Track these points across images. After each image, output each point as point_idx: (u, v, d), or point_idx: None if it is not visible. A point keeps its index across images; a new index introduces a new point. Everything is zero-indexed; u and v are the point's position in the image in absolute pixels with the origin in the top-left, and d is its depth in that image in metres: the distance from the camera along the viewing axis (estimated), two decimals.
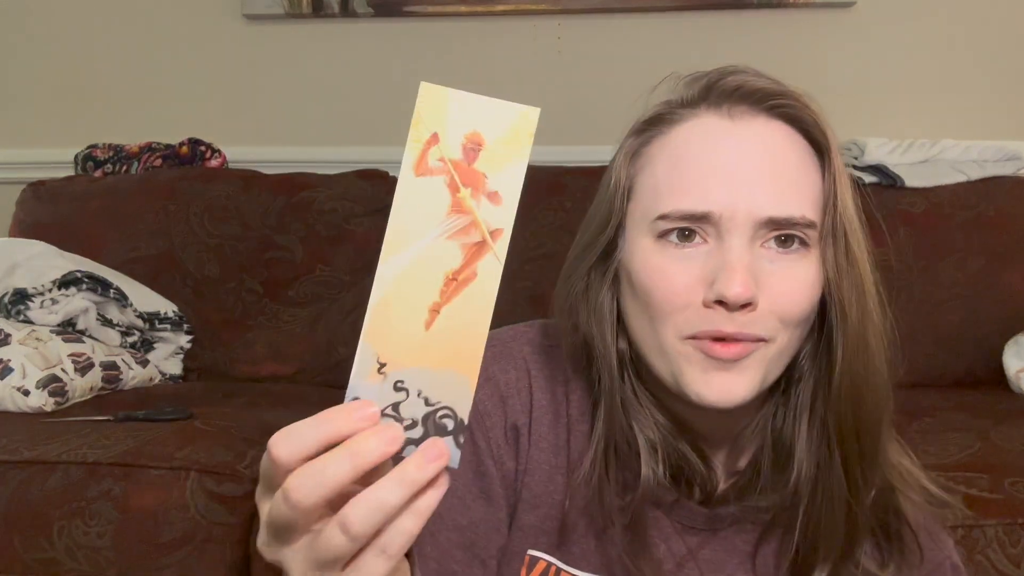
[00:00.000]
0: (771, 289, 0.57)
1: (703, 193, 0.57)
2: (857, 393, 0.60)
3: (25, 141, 2.28)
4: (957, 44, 2.07)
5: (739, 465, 0.67)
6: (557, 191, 1.88)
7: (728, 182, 0.57)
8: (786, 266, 0.58)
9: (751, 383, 0.59)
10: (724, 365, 0.58)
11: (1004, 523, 1.12)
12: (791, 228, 0.58)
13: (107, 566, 1.23)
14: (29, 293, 1.66)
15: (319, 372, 1.85)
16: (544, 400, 0.67)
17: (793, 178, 0.58)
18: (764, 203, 0.57)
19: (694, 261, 0.58)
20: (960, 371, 1.74)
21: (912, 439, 1.31)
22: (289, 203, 1.93)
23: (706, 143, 0.59)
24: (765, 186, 0.57)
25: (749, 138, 0.58)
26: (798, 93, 0.61)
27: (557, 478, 0.65)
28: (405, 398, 0.44)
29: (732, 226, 0.57)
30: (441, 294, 0.44)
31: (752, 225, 0.57)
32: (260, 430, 1.40)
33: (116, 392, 1.66)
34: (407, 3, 2.13)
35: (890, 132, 1.95)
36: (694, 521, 0.66)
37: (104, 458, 1.27)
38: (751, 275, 0.56)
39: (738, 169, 0.57)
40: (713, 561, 0.66)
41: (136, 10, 2.22)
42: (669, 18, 2.09)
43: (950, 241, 1.79)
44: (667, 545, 0.65)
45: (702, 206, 0.57)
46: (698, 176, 0.58)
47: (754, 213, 0.57)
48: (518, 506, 0.65)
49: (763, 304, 0.57)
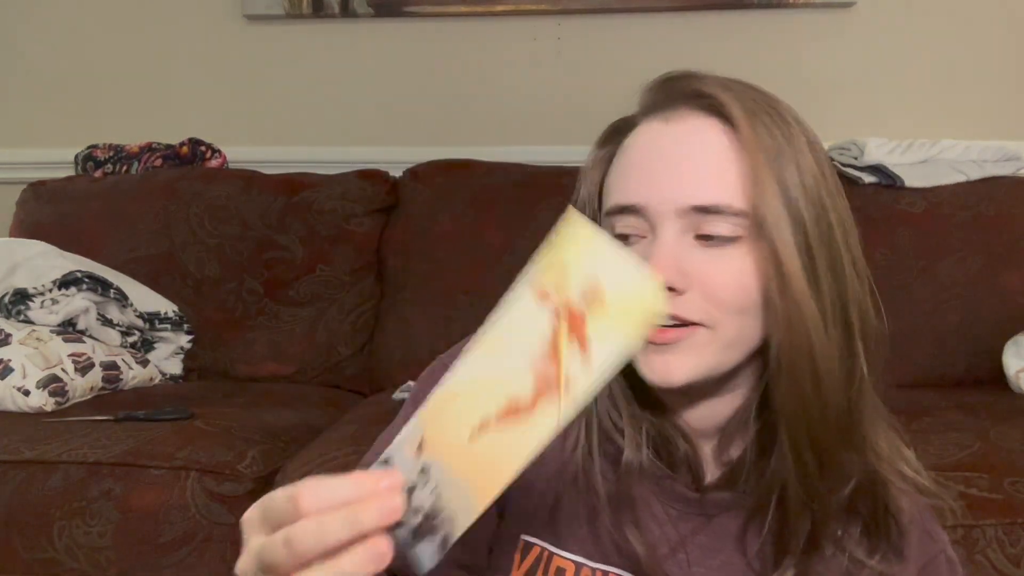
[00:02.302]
0: (701, 277, 0.60)
1: (634, 188, 0.62)
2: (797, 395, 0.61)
3: (25, 141, 2.28)
4: (957, 44, 2.07)
5: (731, 455, 0.69)
6: (557, 191, 1.88)
7: (653, 175, 0.61)
8: (716, 255, 0.60)
9: (689, 366, 0.61)
10: (660, 348, 0.61)
11: (1004, 523, 1.12)
12: (716, 215, 0.60)
13: (107, 566, 1.23)
14: (29, 293, 1.66)
15: (319, 372, 1.85)
16: None
17: (717, 169, 0.60)
18: (687, 192, 0.60)
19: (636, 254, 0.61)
20: (960, 371, 1.74)
21: (912, 439, 1.31)
22: (289, 203, 1.93)
23: (644, 146, 0.63)
24: (687, 176, 0.60)
25: (679, 136, 0.62)
26: (733, 88, 0.63)
27: (551, 466, 0.68)
28: (423, 485, 0.45)
29: (660, 217, 0.61)
30: (497, 416, 0.45)
31: (676, 213, 0.60)
32: (260, 430, 1.41)
33: (116, 392, 1.66)
34: (407, 3, 2.13)
35: (890, 132, 1.95)
36: (687, 507, 0.68)
37: (104, 458, 1.27)
38: (674, 262, 0.60)
39: (664, 164, 0.61)
40: (708, 547, 0.67)
41: (136, 10, 2.22)
42: (669, 18, 2.10)
43: (950, 241, 1.79)
44: (662, 530, 0.67)
45: (631, 199, 0.62)
46: (632, 174, 0.63)
47: (677, 202, 0.60)
48: (510, 493, 0.66)
49: (695, 291, 0.60)
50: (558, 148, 2.11)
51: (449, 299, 1.83)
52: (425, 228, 1.90)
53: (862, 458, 0.64)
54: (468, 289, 1.82)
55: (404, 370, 1.78)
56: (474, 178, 1.94)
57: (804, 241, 0.60)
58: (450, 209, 1.90)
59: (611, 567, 0.67)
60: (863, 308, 0.63)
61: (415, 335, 1.83)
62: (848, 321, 0.62)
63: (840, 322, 0.61)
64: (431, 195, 1.93)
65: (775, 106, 0.64)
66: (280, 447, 1.38)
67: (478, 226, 1.87)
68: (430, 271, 1.87)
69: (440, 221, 1.90)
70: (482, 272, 1.83)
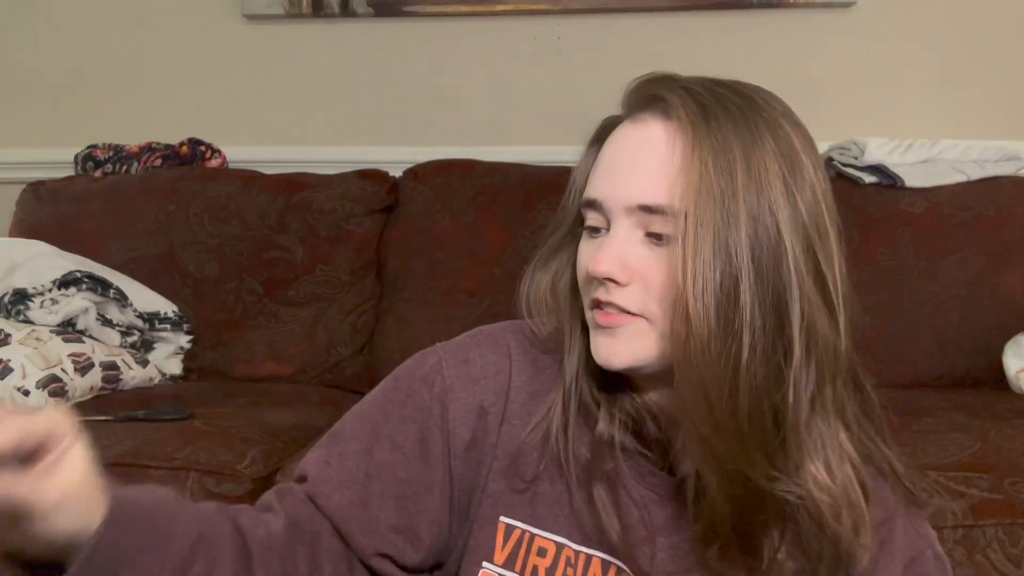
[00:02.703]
0: (642, 272, 0.64)
1: (598, 185, 0.67)
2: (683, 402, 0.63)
3: (25, 141, 2.28)
4: (957, 44, 2.07)
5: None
6: (557, 191, 1.86)
7: (613, 174, 0.66)
8: (658, 253, 0.64)
9: (629, 351, 0.65)
10: (606, 331, 0.66)
11: (1004, 523, 1.12)
12: (659, 215, 0.63)
13: None
14: (29, 293, 1.66)
15: (319, 372, 1.85)
16: (522, 381, 0.73)
17: (661, 171, 0.63)
18: (633, 193, 0.64)
19: (593, 247, 0.67)
20: (960, 371, 1.74)
21: (912, 439, 1.31)
22: (289, 203, 1.93)
23: (613, 146, 0.67)
24: (636, 177, 0.64)
25: (639, 138, 0.65)
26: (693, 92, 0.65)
27: (531, 452, 0.71)
28: None
29: (613, 214, 0.65)
30: None
31: (625, 211, 0.64)
32: (260, 430, 1.41)
33: (116, 392, 1.66)
34: (407, 3, 2.13)
35: (890, 132, 1.95)
36: (665, 490, 0.70)
37: (104, 458, 1.26)
38: (617, 255, 0.64)
39: (622, 164, 0.65)
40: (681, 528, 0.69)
41: (136, 10, 2.22)
42: (669, 18, 2.09)
43: (950, 241, 1.79)
44: (640, 513, 0.69)
45: (593, 194, 0.67)
46: (599, 172, 0.67)
47: (626, 200, 0.64)
48: (489, 476, 0.71)
49: (636, 284, 0.64)
50: (558, 148, 2.11)
51: (449, 299, 1.83)
52: (425, 228, 1.90)
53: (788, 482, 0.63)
54: (468, 289, 1.82)
55: None
56: (474, 178, 1.94)
57: (726, 246, 0.60)
58: (450, 209, 1.90)
59: (592, 549, 0.69)
60: (811, 322, 0.62)
61: (415, 335, 1.82)
62: (788, 339, 0.61)
63: (765, 339, 0.61)
64: (431, 195, 1.93)
65: (746, 109, 0.64)
66: (280, 447, 1.38)
67: (478, 226, 1.87)
68: (430, 271, 1.87)
69: (440, 221, 1.90)
70: (482, 272, 1.83)
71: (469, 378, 0.72)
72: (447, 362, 0.73)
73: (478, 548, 0.71)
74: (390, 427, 0.71)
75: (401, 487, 0.70)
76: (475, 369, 0.73)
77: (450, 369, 0.72)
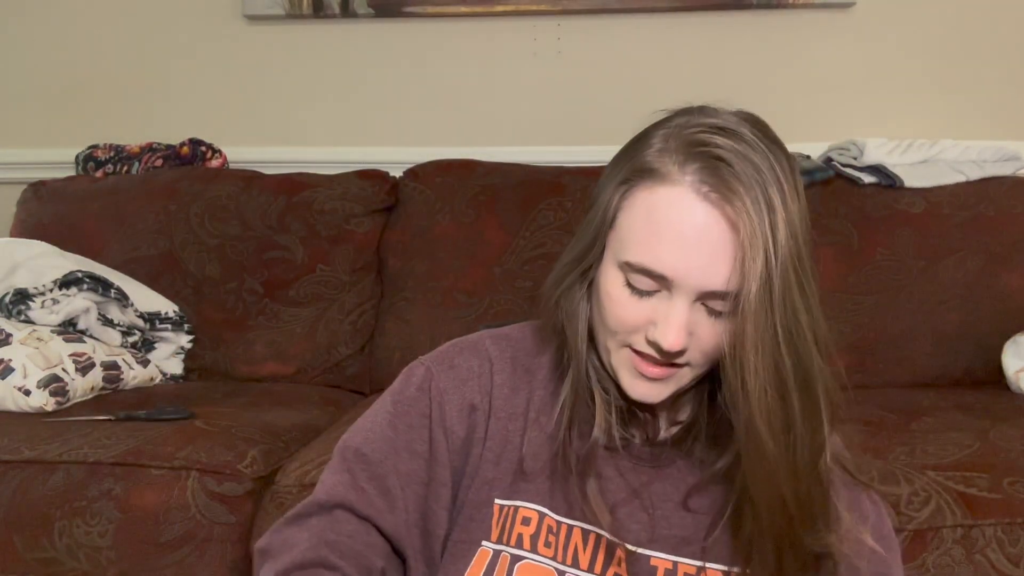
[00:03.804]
0: (701, 335, 0.71)
1: (663, 259, 0.69)
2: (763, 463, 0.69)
3: (26, 141, 2.28)
4: (956, 44, 2.08)
5: (680, 417, 0.81)
6: (557, 191, 1.89)
7: (685, 256, 0.69)
8: (712, 322, 0.71)
9: (669, 391, 0.75)
10: (649, 379, 0.74)
11: (1003, 523, 1.12)
12: (722, 298, 0.69)
13: (108, 565, 1.23)
14: (30, 293, 1.66)
15: (319, 372, 1.85)
16: (502, 380, 0.81)
17: (727, 260, 0.69)
18: (705, 279, 0.69)
19: (647, 304, 0.72)
20: (959, 371, 1.74)
21: (912, 439, 1.31)
22: (289, 203, 1.93)
23: (679, 215, 0.69)
24: (709, 266, 0.69)
25: (712, 223, 0.68)
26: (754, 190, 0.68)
27: (514, 439, 0.79)
28: None
29: (681, 290, 0.70)
30: None
31: (695, 293, 0.70)
32: (260, 430, 1.41)
33: (117, 392, 1.66)
34: (407, 3, 2.14)
35: (890, 132, 1.95)
36: (641, 459, 0.79)
37: (105, 458, 1.28)
38: (686, 331, 0.70)
39: (694, 247, 0.69)
40: (661, 493, 0.78)
41: (136, 10, 2.22)
42: (669, 18, 2.10)
43: (949, 241, 1.79)
44: (623, 479, 0.78)
45: (660, 269, 0.70)
46: (665, 243, 0.69)
47: (701, 285, 0.69)
48: (480, 465, 0.79)
49: (693, 345, 0.72)
50: (558, 148, 2.12)
51: (449, 299, 1.83)
52: (425, 228, 1.91)
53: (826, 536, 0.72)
54: (468, 289, 1.83)
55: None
56: (474, 178, 1.94)
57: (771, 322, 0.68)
58: (450, 209, 1.90)
59: (575, 520, 0.76)
60: (825, 377, 0.70)
61: (415, 335, 1.83)
62: (814, 401, 0.69)
63: (800, 399, 0.68)
64: (431, 195, 1.93)
65: (776, 171, 0.68)
66: (280, 447, 1.38)
67: (478, 226, 1.88)
68: (430, 271, 1.87)
69: (440, 221, 1.90)
70: (482, 272, 1.83)
71: (458, 380, 0.81)
72: (436, 369, 0.81)
73: (473, 531, 0.78)
74: (403, 438, 0.79)
75: (425, 490, 0.78)
76: (462, 372, 0.81)
77: (440, 375, 0.80)
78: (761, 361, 0.67)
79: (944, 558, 1.12)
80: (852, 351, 1.74)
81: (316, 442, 1.39)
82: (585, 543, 0.76)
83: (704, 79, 2.05)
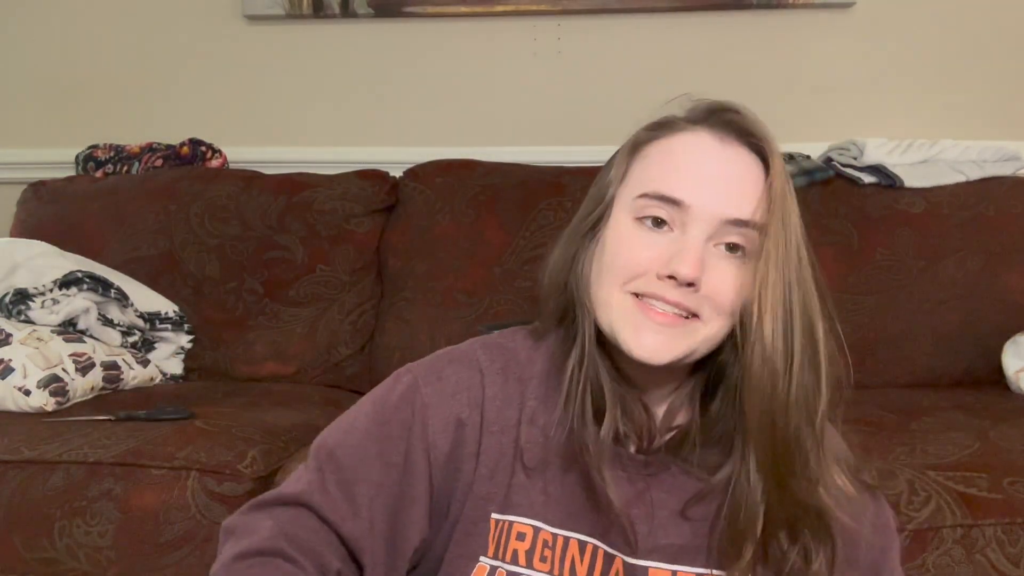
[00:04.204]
0: (712, 279, 0.69)
1: (682, 185, 0.70)
2: (766, 403, 0.68)
3: (26, 141, 2.28)
4: (956, 44, 2.08)
5: (676, 421, 0.78)
6: (557, 191, 1.88)
7: (703, 183, 0.70)
8: (728, 265, 0.70)
9: (676, 350, 0.71)
10: (657, 328, 0.70)
11: (1003, 523, 1.12)
12: (743, 227, 0.69)
13: (108, 565, 1.23)
14: (30, 293, 1.66)
15: (319, 372, 1.85)
16: (494, 391, 0.78)
17: (752, 194, 0.70)
18: (727, 206, 0.69)
19: (659, 243, 0.70)
20: (959, 371, 1.74)
21: (912, 439, 1.31)
22: (289, 203, 1.93)
23: (697, 152, 0.71)
24: (731, 194, 0.69)
25: (729, 158, 0.71)
26: (771, 139, 0.72)
27: (508, 451, 0.77)
28: None
29: (698, 219, 0.69)
30: None
31: (713, 222, 0.69)
32: (260, 430, 1.41)
33: (117, 392, 1.66)
34: (407, 3, 2.14)
35: (890, 132, 1.95)
36: (636, 468, 0.77)
37: (105, 458, 1.28)
38: (700, 261, 0.69)
39: (714, 177, 0.70)
40: (658, 501, 0.76)
41: (137, 10, 2.22)
42: (669, 18, 2.10)
43: (949, 241, 1.79)
44: (619, 488, 0.75)
45: (678, 194, 0.69)
46: (683, 172, 0.70)
47: (717, 213, 0.69)
48: (474, 480, 0.76)
49: (703, 289, 0.69)
50: (558, 148, 2.12)
51: (449, 299, 1.83)
52: (425, 228, 1.90)
53: (813, 487, 0.70)
54: (468, 289, 1.83)
55: None
56: (474, 178, 1.94)
57: (787, 265, 0.68)
58: (450, 209, 1.90)
59: (570, 531, 0.75)
60: (829, 349, 0.71)
61: (415, 335, 1.83)
62: (816, 360, 0.70)
63: (808, 357, 0.69)
64: (431, 195, 1.93)
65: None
66: (280, 447, 1.38)
67: (478, 226, 1.88)
68: (430, 271, 1.87)
69: (440, 221, 1.90)
70: (482, 272, 1.83)
71: (445, 394, 0.77)
72: (422, 380, 0.78)
73: (471, 545, 0.76)
74: (379, 448, 0.76)
75: (395, 502, 0.76)
76: (449, 385, 0.78)
77: (426, 387, 0.77)
78: (779, 297, 0.67)
79: (944, 558, 1.12)
80: (852, 351, 1.73)
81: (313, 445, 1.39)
82: (582, 554, 0.74)
83: (704, 79, 2.05)
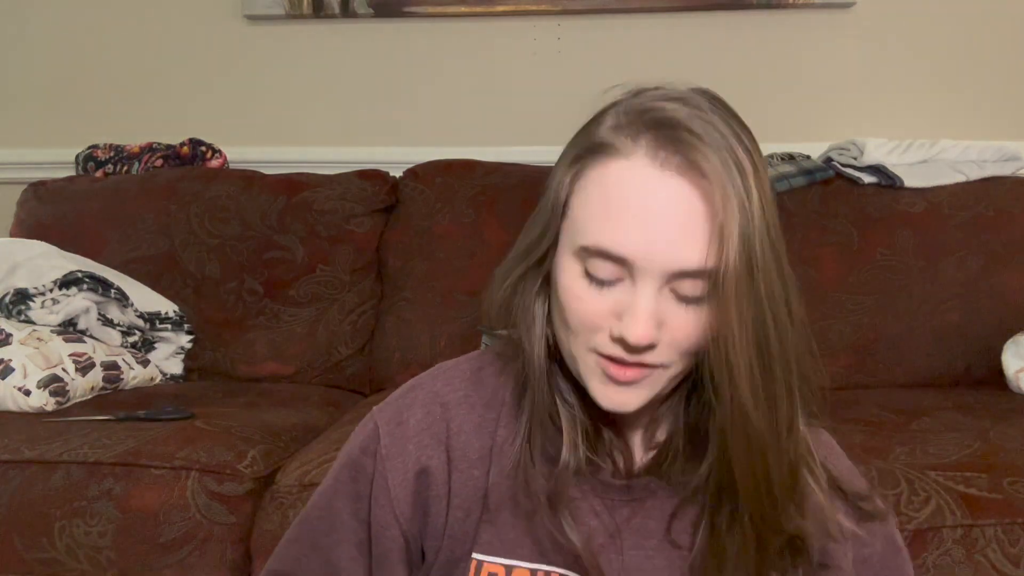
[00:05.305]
0: (672, 326, 0.63)
1: (626, 239, 0.62)
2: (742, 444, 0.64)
3: (26, 141, 2.28)
4: (956, 44, 2.08)
5: (657, 438, 0.73)
6: None
7: (647, 230, 0.61)
8: (686, 310, 0.63)
9: (644, 397, 0.66)
10: (620, 387, 0.65)
11: (1003, 523, 1.12)
12: (695, 278, 0.62)
13: (108, 565, 1.23)
14: (30, 293, 1.66)
15: (319, 372, 1.85)
16: (459, 424, 0.74)
17: (699, 234, 0.61)
18: (674, 258, 0.61)
19: (609, 298, 0.64)
20: (959, 371, 1.74)
21: (912, 439, 1.31)
22: (289, 203, 1.93)
23: (635, 189, 0.62)
24: (676, 242, 0.61)
25: (672, 194, 0.61)
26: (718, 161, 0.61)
27: (481, 484, 0.72)
28: None
29: (646, 273, 0.62)
30: None
31: (663, 276, 0.62)
32: (260, 430, 1.41)
33: (117, 392, 1.66)
34: (407, 3, 2.14)
35: (889, 132, 1.95)
36: (616, 495, 0.72)
37: (105, 458, 1.28)
38: (655, 321, 0.62)
39: (657, 219, 0.61)
40: (642, 530, 0.71)
41: (137, 10, 2.22)
42: (669, 18, 2.10)
43: (949, 241, 1.79)
44: (599, 520, 0.71)
45: (621, 250, 0.62)
46: (624, 220, 0.62)
47: (665, 266, 0.61)
48: (448, 522, 0.73)
49: (664, 339, 0.63)
50: (558, 148, 2.10)
51: (449, 299, 1.83)
52: (425, 228, 1.91)
53: (800, 513, 0.67)
54: (468, 289, 1.83)
55: (404, 370, 1.78)
56: (474, 178, 1.94)
57: (755, 302, 0.61)
58: (450, 209, 1.90)
59: (551, 566, 0.70)
60: (799, 353, 0.65)
61: (415, 335, 1.83)
62: (791, 384, 0.64)
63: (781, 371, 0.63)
64: (431, 195, 1.93)
65: (740, 138, 0.63)
66: (280, 447, 1.38)
67: (478, 226, 1.88)
68: (430, 271, 1.87)
69: (440, 221, 1.90)
70: (482, 272, 1.83)
71: (405, 439, 0.74)
72: (384, 429, 0.74)
73: None
74: (353, 506, 0.75)
75: (373, 560, 0.74)
76: (409, 430, 0.74)
77: (386, 437, 0.73)
78: (747, 337, 0.61)
79: (944, 558, 1.12)
80: (852, 351, 1.74)
81: (316, 442, 1.39)
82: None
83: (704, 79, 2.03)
